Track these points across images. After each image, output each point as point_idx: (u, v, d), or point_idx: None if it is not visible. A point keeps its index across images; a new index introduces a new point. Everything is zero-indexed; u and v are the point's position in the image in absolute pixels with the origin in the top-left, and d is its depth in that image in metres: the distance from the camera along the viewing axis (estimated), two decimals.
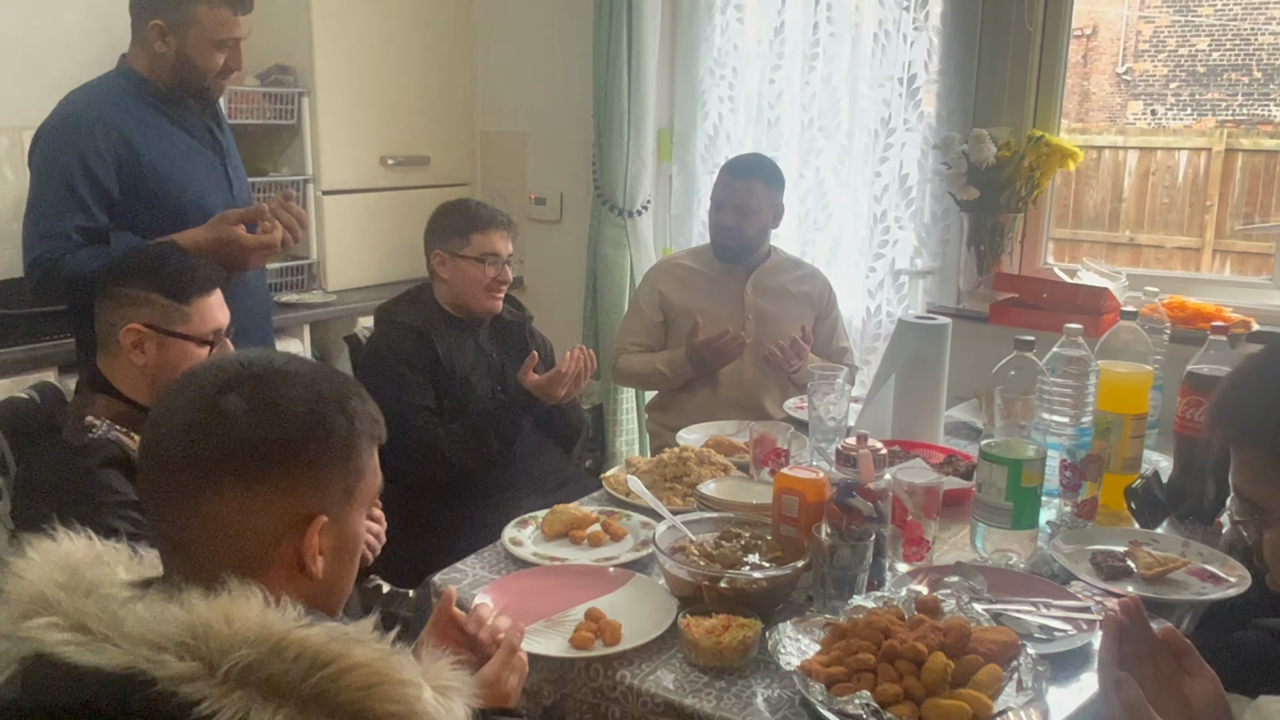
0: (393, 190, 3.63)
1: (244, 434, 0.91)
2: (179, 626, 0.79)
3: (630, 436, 3.67)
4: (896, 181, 3.09)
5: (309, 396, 0.94)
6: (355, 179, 3.52)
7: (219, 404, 0.92)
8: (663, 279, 2.95)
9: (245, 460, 0.91)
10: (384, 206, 3.60)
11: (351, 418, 0.97)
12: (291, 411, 0.93)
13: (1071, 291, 2.77)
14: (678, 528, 1.66)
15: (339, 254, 3.49)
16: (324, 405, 0.95)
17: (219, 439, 0.91)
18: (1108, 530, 1.84)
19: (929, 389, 2.26)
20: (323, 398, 0.95)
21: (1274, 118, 3.75)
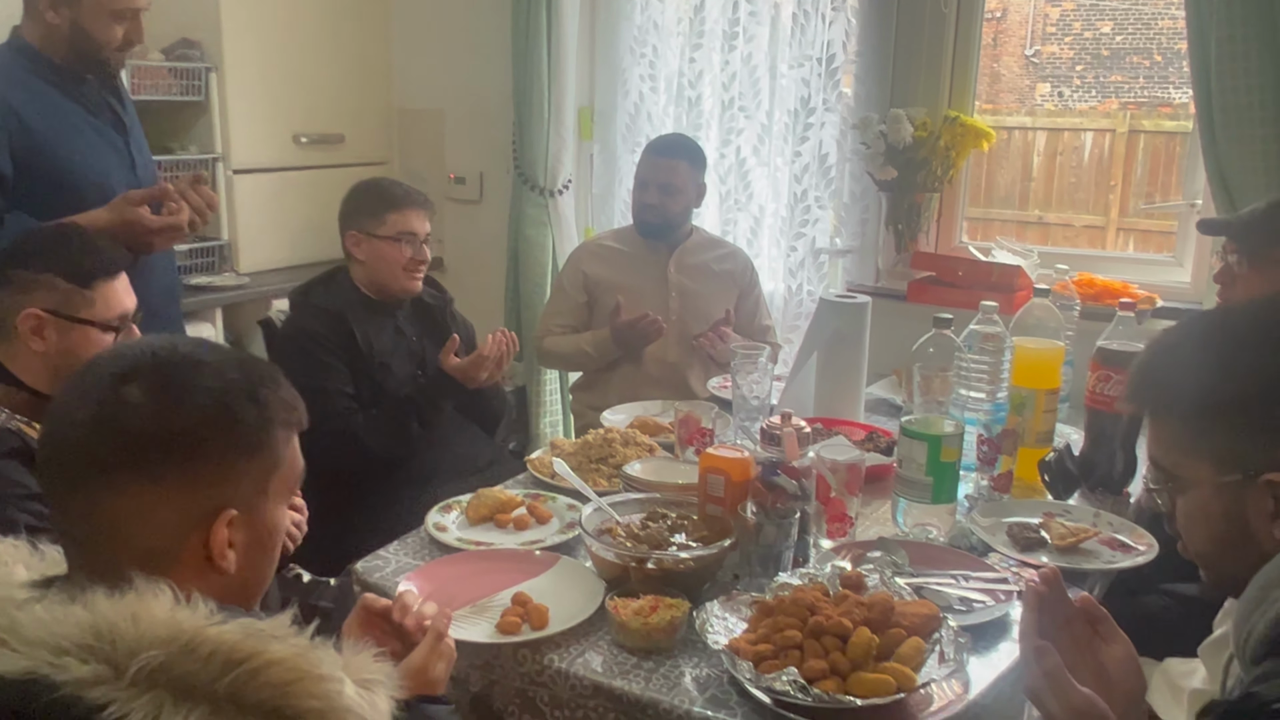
0: (306, 169, 3.54)
1: (144, 426, 0.87)
2: (81, 628, 0.76)
3: (554, 418, 3.65)
4: (816, 161, 3.11)
5: (215, 386, 0.90)
6: (267, 158, 3.42)
7: (119, 394, 0.88)
8: (586, 260, 2.93)
9: (146, 454, 0.87)
10: (297, 186, 3.51)
11: (263, 406, 0.93)
12: (194, 402, 0.89)
13: (986, 270, 2.83)
14: (604, 509, 1.65)
15: (251, 235, 3.39)
16: (230, 395, 0.91)
17: (118, 431, 0.86)
18: (1023, 502, 1.88)
19: (850, 367, 2.29)
20: (230, 386, 0.91)
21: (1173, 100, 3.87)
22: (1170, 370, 1.05)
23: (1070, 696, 1.07)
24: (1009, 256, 2.91)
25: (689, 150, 2.87)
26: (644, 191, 2.84)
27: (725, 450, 1.67)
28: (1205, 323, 1.07)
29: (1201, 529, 1.04)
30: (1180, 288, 2.79)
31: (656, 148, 2.88)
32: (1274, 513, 0.98)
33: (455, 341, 2.37)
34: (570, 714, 1.36)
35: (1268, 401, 0.97)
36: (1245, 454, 0.99)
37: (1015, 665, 1.39)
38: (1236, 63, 2.26)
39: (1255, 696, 0.88)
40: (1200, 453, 1.02)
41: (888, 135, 2.89)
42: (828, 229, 3.16)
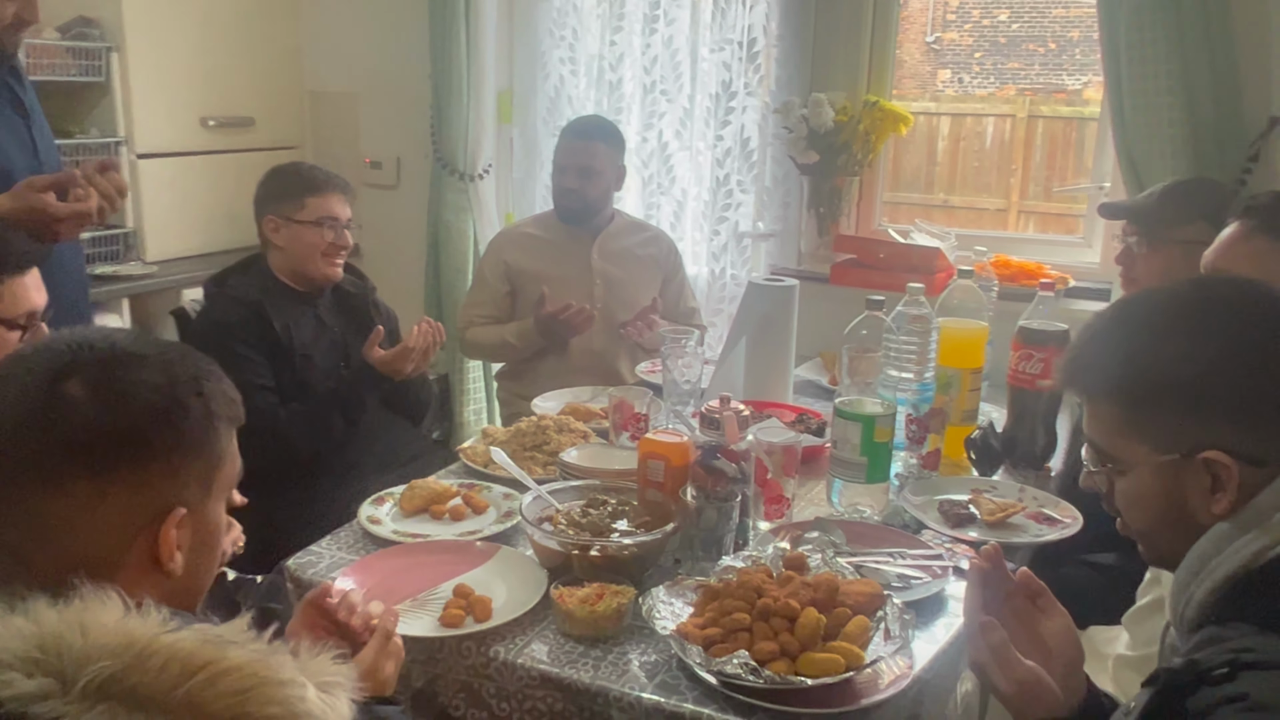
0: (215, 154, 3.41)
1: (89, 424, 0.83)
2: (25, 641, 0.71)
3: (479, 406, 3.60)
4: (738, 145, 3.12)
5: (160, 381, 0.86)
6: (173, 141, 3.29)
7: (57, 392, 0.83)
8: (507, 248, 2.90)
9: (91, 454, 0.82)
10: (206, 171, 3.38)
11: (208, 400, 0.90)
12: (141, 398, 0.85)
13: (907, 252, 2.88)
14: (544, 497, 1.63)
15: (158, 222, 3.26)
16: (178, 389, 0.87)
17: (61, 432, 0.82)
18: (951, 480, 1.93)
19: (779, 349, 2.31)
20: (176, 380, 0.87)
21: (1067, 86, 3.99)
22: (1105, 354, 1.07)
23: (1015, 669, 1.10)
24: (928, 239, 2.97)
25: (606, 132, 2.85)
26: (562, 175, 2.81)
27: (664, 435, 1.66)
28: (1137, 306, 1.10)
29: (1141, 508, 1.07)
30: (1090, 268, 2.88)
31: (573, 130, 2.85)
32: (1211, 489, 1.01)
33: (379, 333, 2.31)
34: (518, 705, 1.35)
35: (1202, 382, 1.00)
36: (1182, 434, 1.01)
37: (954, 639, 1.42)
38: (1144, 49, 2.34)
39: (1196, 664, 0.91)
40: (1138, 434, 1.05)
41: (809, 119, 2.92)
42: (750, 213, 3.18)
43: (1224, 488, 1.01)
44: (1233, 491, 1.00)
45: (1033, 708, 1.09)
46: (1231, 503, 1.00)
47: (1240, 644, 0.92)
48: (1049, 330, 2.03)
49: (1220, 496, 1.01)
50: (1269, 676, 0.87)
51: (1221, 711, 0.86)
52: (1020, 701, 1.10)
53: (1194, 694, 0.90)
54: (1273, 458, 0.99)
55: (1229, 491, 1.00)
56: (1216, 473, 1.01)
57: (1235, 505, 1.01)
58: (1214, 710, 0.87)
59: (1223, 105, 2.35)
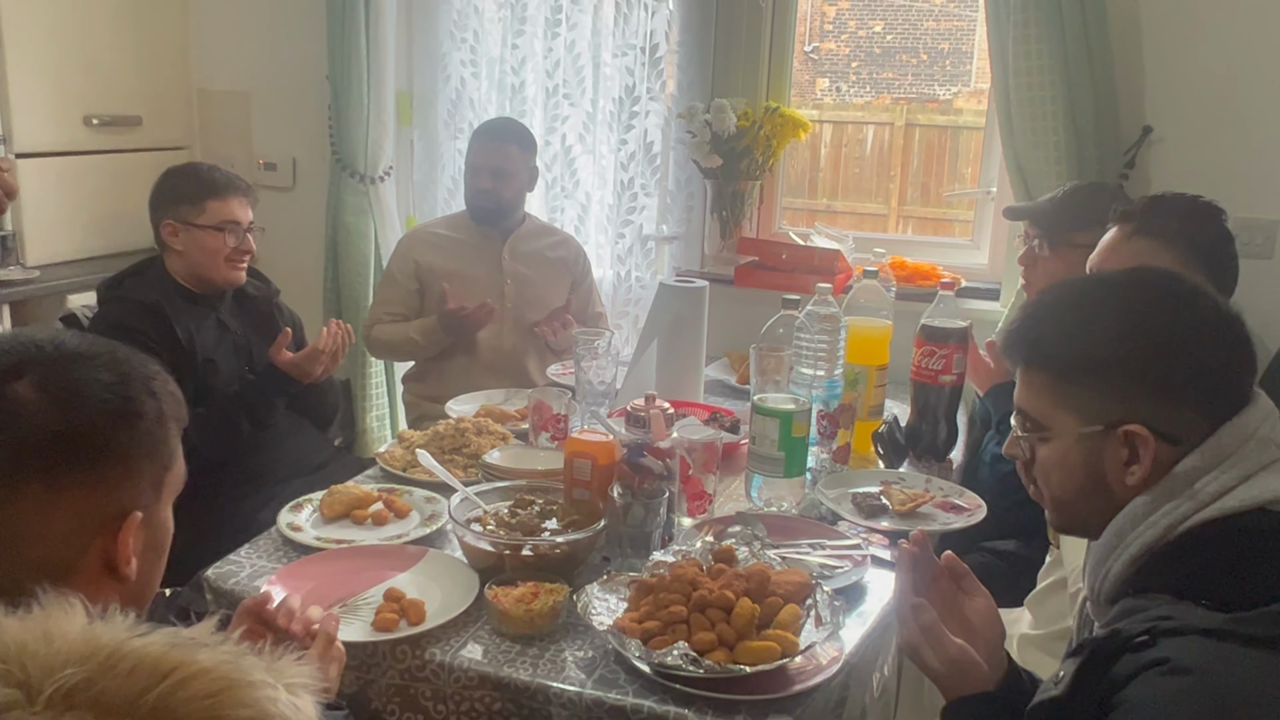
0: (100, 154, 3.27)
1: (41, 426, 0.80)
2: None
3: (381, 411, 3.54)
4: (642, 149, 3.15)
5: (113, 379, 0.84)
6: (55, 140, 3.14)
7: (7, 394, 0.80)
8: (418, 247, 2.87)
9: (45, 457, 0.79)
10: (91, 171, 3.24)
11: (160, 400, 0.87)
12: (96, 397, 0.82)
13: (808, 254, 2.96)
14: (471, 499, 1.63)
15: (39, 225, 3.11)
16: (131, 388, 0.85)
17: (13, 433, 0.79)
18: (862, 473, 1.99)
19: (690, 349, 2.34)
20: (129, 379, 0.85)
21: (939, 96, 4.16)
22: (1045, 329, 1.15)
23: (947, 648, 1.15)
24: (828, 241, 3.05)
25: (518, 134, 2.86)
26: (476, 176, 2.80)
27: (590, 434, 1.68)
28: (1078, 289, 1.17)
29: (1060, 475, 1.14)
30: (979, 269, 3.01)
31: (486, 132, 2.85)
32: (1128, 461, 1.09)
33: (288, 335, 2.26)
34: (455, 707, 1.34)
35: (1130, 361, 1.07)
36: (1107, 407, 1.09)
37: (878, 623, 1.48)
38: (1030, 59, 2.46)
39: (1119, 633, 0.98)
40: (1067, 404, 1.11)
41: (713, 124, 2.97)
42: (654, 216, 3.22)
43: (1139, 460, 1.08)
44: (1147, 465, 1.07)
45: (963, 683, 1.15)
46: (1145, 476, 1.08)
47: (1158, 612, 0.99)
48: (950, 327, 2.12)
49: (1135, 469, 1.08)
50: (1187, 641, 0.94)
51: (1145, 675, 0.92)
52: (952, 678, 1.15)
53: (1118, 661, 0.96)
54: (1185, 437, 1.07)
55: (1144, 464, 1.07)
56: (1134, 445, 1.08)
57: (1147, 479, 1.08)
58: (1138, 674, 0.93)
59: (1102, 115, 2.49)
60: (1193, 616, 0.97)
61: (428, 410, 2.78)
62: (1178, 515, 1.05)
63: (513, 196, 2.83)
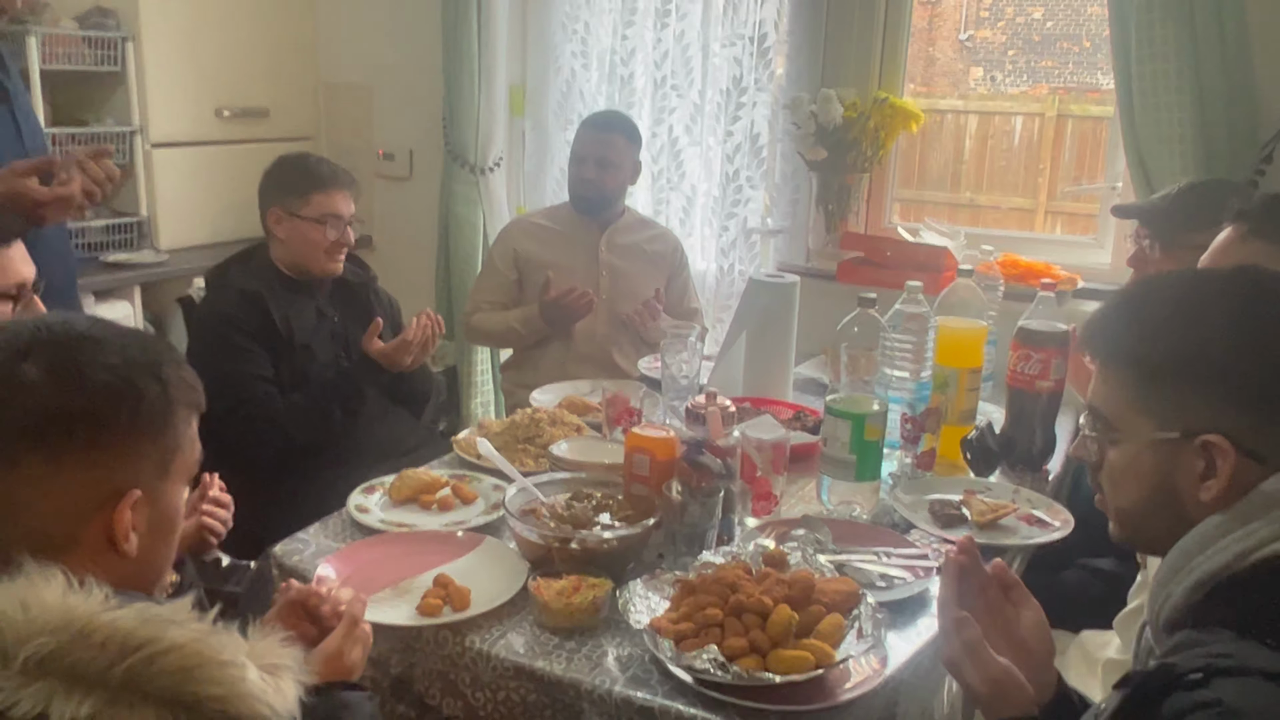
0: (229, 144, 3.45)
1: (45, 405, 0.84)
2: None
3: (485, 398, 3.62)
4: (748, 141, 3.12)
5: (117, 363, 0.88)
6: (188, 131, 3.33)
7: (16, 372, 0.84)
8: (517, 236, 2.92)
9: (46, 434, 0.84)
10: (220, 161, 3.42)
11: (166, 384, 0.91)
12: (97, 379, 0.86)
13: (913, 250, 2.87)
14: (529, 489, 1.64)
15: (172, 211, 3.30)
16: (134, 371, 0.88)
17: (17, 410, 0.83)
18: (945, 480, 1.92)
19: (778, 346, 2.30)
20: (132, 363, 0.88)
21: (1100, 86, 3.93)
22: (1131, 322, 1.05)
23: (989, 667, 1.09)
24: (936, 237, 2.95)
25: (625, 126, 2.87)
26: (581, 166, 2.83)
27: (650, 429, 1.67)
28: (1173, 282, 1.07)
29: (1128, 483, 1.05)
30: (1100, 269, 2.85)
31: (594, 123, 2.87)
32: (1203, 475, 0.99)
33: (378, 325, 2.32)
34: (491, 695, 1.35)
35: (1221, 366, 0.98)
36: (1188, 413, 0.99)
37: (934, 639, 1.41)
38: (1154, 47, 2.31)
39: (1171, 667, 0.89)
40: (1144, 406, 1.02)
41: (818, 115, 2.91)
42: (759, 209, 3.18)
43: (1216, 475, 0.98)
44: (1224, 480, 0.98)
45: (1004, 706, 1.08)
46: (1220, 493, 0.98)
47: (1217, 649, 0.89)
48: (1048, 331, 2.01)
49: (1210, 484, 0.99)
50: (1244, 683, 0.85)
51: (1195, 716, 0.84)
52: (993, 700, 1.09)
53: (1167, 698, 0.87)
54: (1272, 456, 0.97)
55: (1220, 479, 0.98)
56: (1212, 458, 0.98)
57: (1222, 498, 0.98)
58: (1187, 715, 0.84)
59: (1236, 105, 2.31)
60: (1256, 657, 0.88)
61: (524, 398, 2.79)
62: (1252, 542, 0.95)
63: (615, 188, 2.85)
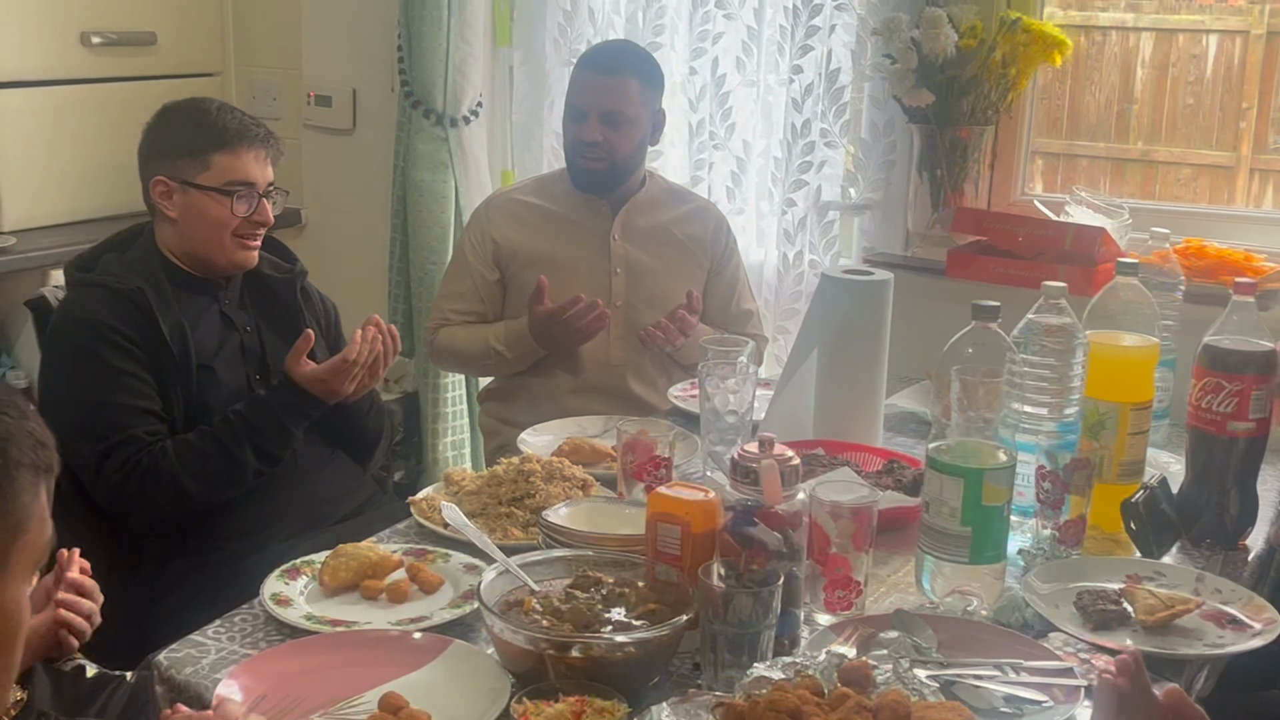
0: (100, 83, 3.50)
1: None
2: None
3: (459, 436, 3.65)
4: (823, 81, 3.13)
5: None
6: (41, 65, 3.38)
7: None
8: (497, 221, 2.93)
9: None
10: (87, 107, 3.47)
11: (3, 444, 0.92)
12: None
13: (1057, 234, 2.86)
14: (513, 573, 1.65)
15: (18, 177, 3.33)
16: None
17: None
18: (1099, 561, 1.91)
19: (863, 369, 2.31)
20: None
21: None
22: None
23: None
24: (1088, 214, 2.95)
25: (639, 63, 2.88)
26: (580, 124, 2.84)
27: (683, 489, 1.67)
28: None
29: None
30: None
31: (594, 61, 2.88)
32: None
33: (308, 339, 2.34)
34: None
35: None
36: None
37: None
38: None
39: None
40: None
41: (921, 45, 2.91)
42: (838, 176, 3.18)
43: None
44: None
45: None
46: None
47: None
48: (1247, 351, 2.00)
49: None
50: None
51: None
52: None
53: None
54: None
55: None
56: None
57: None
58: None
59: None
60: None
61: (509, 440, 2.82)
62: None
63: (631, 152, 2.85)
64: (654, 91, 2.88)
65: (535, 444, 2.34)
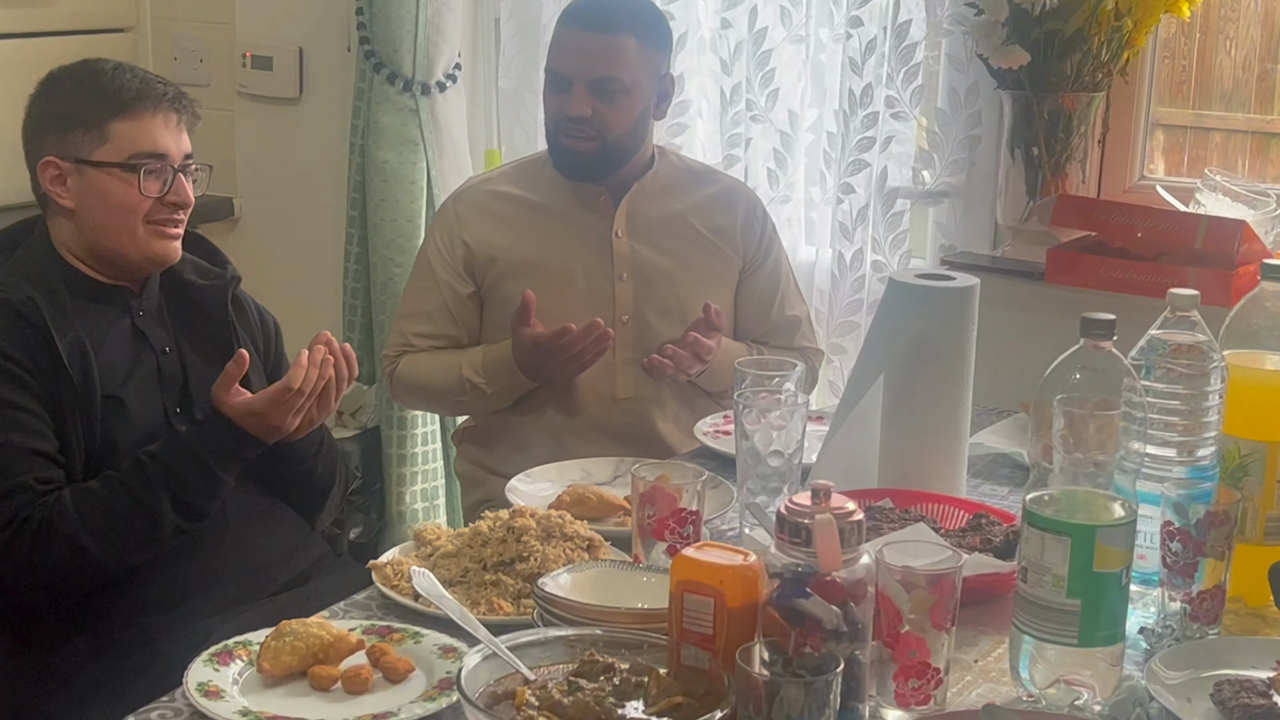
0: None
1: None
2: None
3: (430, 484, 3.66)
4: (888, 36, 3.14)
5: None
6: None
7: None
8: (469, 219, 2.95)
9: None
10: None
11: None
12: None
13: (1186, 227, 2.86)
14: (501, 657, 1.65)
15: None
16: None
17: None
18: (1242, 642, 1.91)
19: (942, 399, 2.30)
20: None
21: None
22: None
23: None
24: (1225, 203, 2.94)
25: (638, 16, 2.89)
26: (563, 96, 2.84)
27: (715, 551, 1.67)
28: None
29: None
30: None
31: (580, 16, 2.88)
32: None
33: (242, 363, 2.33)
34: None
35: None
36: None
37: None
38: None
39: None
40: None
41: None
42: (908, 156, 3.19)
43: None
44: None
45: None
46: None
47: None
48: None
49: None
50: None
51: None
52: None
53: None
54: None
55: None
56: None
57: None
58: None
59: None
60: None
61: (494, 491, 2.82)
62: None
63: (628, 130, 2.86)
64: (657, 52, 2.89)
65: (528, 494, 2.35)
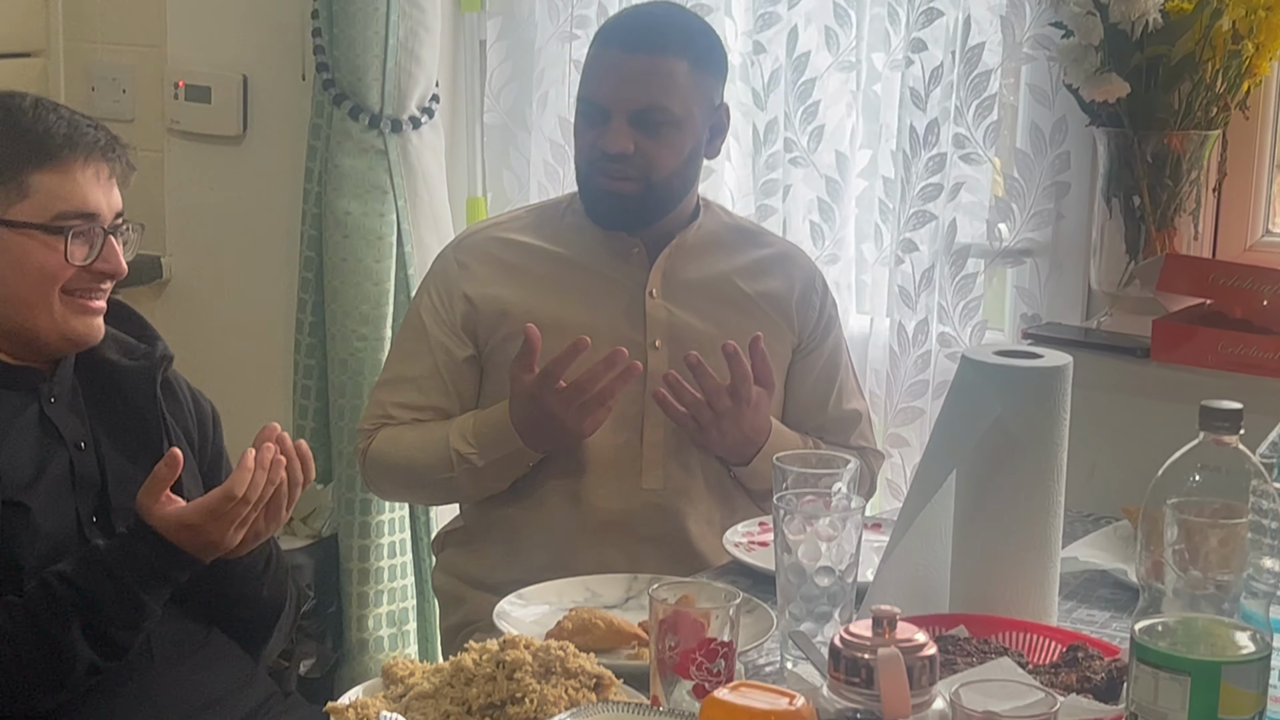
0: None
1: None
2: None
3: (400, 605, 3.66)
4: (958, 63, 3.16)
5: None
6: None
7: None
8: (474, 269, 2.98)
9: None
10: None
11: None
12: None
13: None
14: None
15: None
16: None
17: None
18: None
19: (1027, 504, 2.30)
20: None
21: None
22: None
23: None
24: None
25: (690, 38, 2.92)
26: (600, 129, 2.87)
27: (754, 692, 1.67)
28: None
29: None
30: None
31: (623, 37, 2.92)
32: None
33: (175, 461, 2.33)
34: None
35: None
36: None
37: None
38: None
39: None
40: None
41: (1110, 9, 2.93)
42: (983, 207, 3.20)
43: None
44: None
45: None
46: None
47: None
48: None
49: None
50: None
51: None
52: None
53: None
54: None
55: None
56: None
57: None
58: None
59: None
60: None
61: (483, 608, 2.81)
62: None
63: (676, 169, 2.89)
64: (712, 78, 2.93)
65: (521, 618, 2.34)
